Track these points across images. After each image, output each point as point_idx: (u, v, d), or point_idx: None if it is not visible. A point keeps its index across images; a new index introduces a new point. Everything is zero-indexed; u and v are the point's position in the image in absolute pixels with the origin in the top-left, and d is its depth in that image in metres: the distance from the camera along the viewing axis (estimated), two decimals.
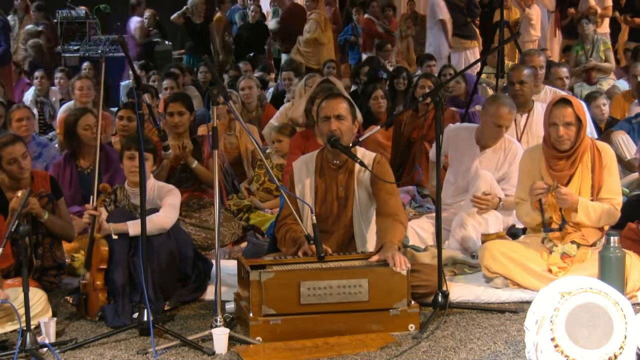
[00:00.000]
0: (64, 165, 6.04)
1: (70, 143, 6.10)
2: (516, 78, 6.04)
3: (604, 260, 4.24)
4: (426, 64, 10.24)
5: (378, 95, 7.76)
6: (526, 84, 6.04)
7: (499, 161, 5.50)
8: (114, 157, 5.92)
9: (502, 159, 5.50)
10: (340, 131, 4.52)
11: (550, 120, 4.63)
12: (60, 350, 3.92)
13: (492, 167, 5.49)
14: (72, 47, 12.32)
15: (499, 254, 4.68)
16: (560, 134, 4.58)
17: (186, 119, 6.05)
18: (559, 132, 4.58)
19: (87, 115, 6.07)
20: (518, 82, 6.03)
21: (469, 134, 5.58)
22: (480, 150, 5.53)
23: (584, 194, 4.65)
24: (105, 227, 4.45)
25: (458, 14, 11.93)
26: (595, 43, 10.24)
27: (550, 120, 4.63)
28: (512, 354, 3.81)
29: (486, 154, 5.52)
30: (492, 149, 5.52)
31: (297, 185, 4.67)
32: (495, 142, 5.50)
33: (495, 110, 5.40)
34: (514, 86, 6.04)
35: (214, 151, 4.09)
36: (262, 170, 6.74)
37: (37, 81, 9.62)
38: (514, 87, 6.04)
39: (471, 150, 5.55)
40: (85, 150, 6.06)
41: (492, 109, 5.42)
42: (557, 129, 4.59)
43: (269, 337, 3.95)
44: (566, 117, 4.58)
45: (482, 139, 5.54)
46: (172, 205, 4.71)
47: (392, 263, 4.07)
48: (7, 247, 4.03)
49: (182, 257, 4.66)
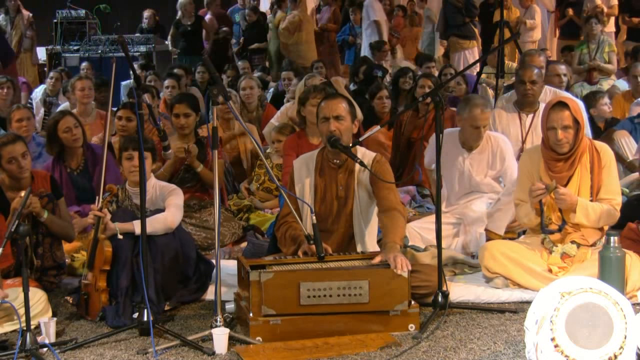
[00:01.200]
0: (53, 168, 5.99)
1: (53, 146, 6.01)
2: (528, 78, 6.01)
3: (604, 260, 4.24)
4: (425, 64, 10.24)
5: (383, 95, 7.76)
6: (537, 83, 6.03)
7: (489, 160, 5.56)
8: (99, 154, 5.88)
9: (491, 158, 5.56)
10: (340, 131, 4.52)
11: (548, 125, 4.63)
12: (60, 350, 3.92)
13: (484, 167, 5.56)
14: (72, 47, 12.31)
15: (499, 254, 4.68)
16: (559, 138, 4.58)
17: (192, 121, 6.04)
18: (557, 136, 4.58)
19: (67, 117, 5.98)
20: (530, 82, 6.00)
21: (452, 139, 5.58)
22: (468, 152, 5.56)
23: (583, 194, 4.65)
24: (111, 227, 4.44)
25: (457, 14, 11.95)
26: (600, 44, 10.23)
27: (548, 125, 4.63)
28: (512, 354, 3.81)
29: (474, 155, 5.57)
30: (478, 150, 5.57)
31: (297, 185, 4.67)
32: (478, 142, 5.54)
33: (468, 114, 5.45)
34: (525, 85, 6.01)
35: (214, 151, 4.09)
36: (262, 170, 6.74)
37: (50, 81, 9.61)
38: (525, 86, 6.01)
39: (458, 153, 5.58)
40: (70, 152, 6.02)
41: (465, 113, 5.47)
42: (556, 132, 4.59)
43: (269, 337, 3.95)
44: (564, 120, 4.58)
45: (466, 142, 5.58)
46: (177, 205, 4.72)
47: (394, 265, 4.07)
48: (7, 247, 4.03)
49: (184, 258, 4.66)
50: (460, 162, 5.57)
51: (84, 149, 6.06)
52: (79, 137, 5.95)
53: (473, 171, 5.55)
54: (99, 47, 11.99)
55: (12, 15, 12.07)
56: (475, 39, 12.03)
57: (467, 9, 11.91)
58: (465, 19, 11.95)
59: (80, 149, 6.04)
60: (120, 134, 6.61)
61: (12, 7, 12.04)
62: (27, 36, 12.17)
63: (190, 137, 6.07)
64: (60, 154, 6.03)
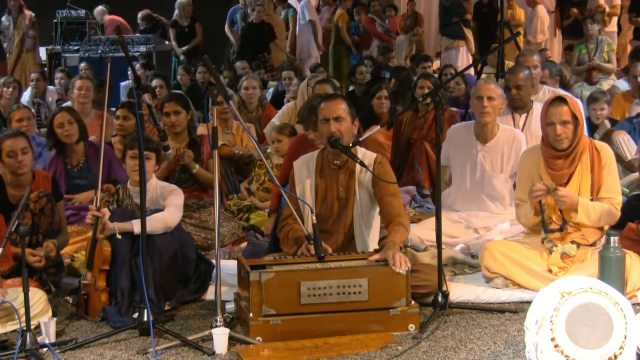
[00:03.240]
0: (51, 163, 6.07)
1: (50, 140, 6.09)
2: (513, 83, 6.01)
3: (604, 260, 4.24)
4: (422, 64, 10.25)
5: (382, 95, 7.75)
6: (523, 87, 6.01)
7: (504, 151, 5.48)
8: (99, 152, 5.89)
9: (507, 149, 5.48)
10: (340, 132, 4.52)
11: (547, 120, 4.64)
12: (60, 350, 3.92)
13: (498, 161, 5.48)
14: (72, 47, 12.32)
15: (499, 254, 4.68)
16: (557, 133, 4.58)
17: (183, 118, 6.03)
18: (556, 130, 4.59)
19: (62, 113, 6.02)
20: (515, 87, 5.99)
21: (467, 131, 5.59)
22: (482, 145, 5.53)
23: (583, 193, 4.65)
24: (109, 226, 4.44)
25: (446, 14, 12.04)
26: (599, 43, 10.24)
27: (547, 120, 4.64)
28: (512, 354, 3.81)
29: (488, 146, 5.51)
30: (494, 141, 5.51)
31: (298, 185, 4.67)
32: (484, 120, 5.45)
33: (474, 89, 5.55)
34: (511, 91, 6.01)
35: (214, 151, 4.09)
36: (262, 170, 6.74)
37: (32, 83, 9.62)
38: (510, 92, 6.02)
39: (473, 146, 5.55)
40: (69, 148, 6.04)
41: (472, 90, 5.60)
42: (555, 127, 4.59)
43: (269, 337, 3.95)
44: (562, 115, 4.58)
45: (481, 132, 5.53)
46: (177, 205, 4.71)
47: (392, 263, 4.07)
48: (7, 247, 4.03)
49: (184, 258, 4.65)
50: (474, 154, 5.52)
51: (86, 146, 6.06)
52: (72, 133, 5.95)
53: (486, 164, 5.49)
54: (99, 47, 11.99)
55: (14, 15, 12.06)
56: (464, 39, 12.07)
57: (455, 9, 11.96)
58: (454, 18, 11.99)
59: (81, 146, 6.04)
60: (118, 133, 6.61)
61: (14, 7, 12.03)
62: (29, 36, 12.16)
63: (184, 136, 6.07)
64: (62, 150, 6.05)
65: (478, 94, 5.44)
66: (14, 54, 12.05)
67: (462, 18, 12.08)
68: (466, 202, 5.58)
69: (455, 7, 11.98)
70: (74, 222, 5.64)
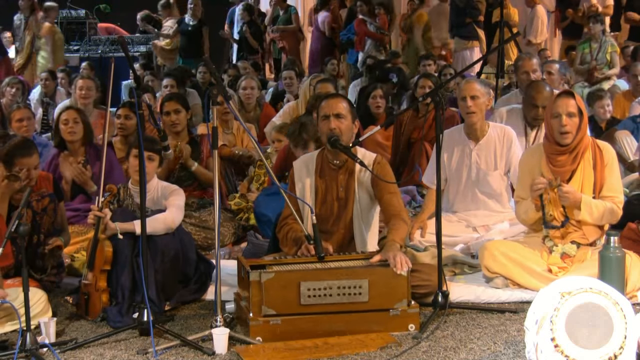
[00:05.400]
0: (51, 161, 6.07)
1: (55, 137, 6.12)
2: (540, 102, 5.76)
3: (604, 260, 4.24)
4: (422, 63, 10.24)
5: (377, 95, 7.75)
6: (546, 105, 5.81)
7: (497, 148, 5.50)
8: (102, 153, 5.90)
9: (499, 146, 5.50)
10: (340, 130, 4.52)
11: (554, 111, 4.63)
12: (60, 350, 3.92)
13: (491, 156, 5.49)
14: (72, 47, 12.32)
15: (499, 254, 4.68)
16: (563, 124, 4.58)
17: (183, 117, 6.07)
18: (562, 122, 4.58)
19: (69, 110, 6.04)
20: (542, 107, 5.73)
21: (458, 133, 5.59)
22: (474, 143, 5.54)
23: (586, 191, 4.65)
24: (111, 226, 4.43)
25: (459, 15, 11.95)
26: (603, 43, 10.22)
27: (554, 111, 4.63)
28: (512, 354, 3.81)
29: (481, 144, 5.52)
30: (486, 138, 5.52)
31: (297, 185, 4.67)
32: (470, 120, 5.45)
33: (458, 91, 5.60)
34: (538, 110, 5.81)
35: (214, 151, 4.09)
36: (262, 170, 6.74)
37: (42, 82, 9.62)
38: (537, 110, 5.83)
39: (466, 146, 5.56)
40: (71, 147, 6.04)
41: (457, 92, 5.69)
42: (561, 119, 4.59)
43: (269, 337, 3.95)
44: (569, 107, 4.59)
45: (472, 132, 5.53)
46: (178, 205, 4.71)
47: (393, 264, 4.07)
48: (7, 246, 4.03)
49: (185, 258, 4.65)
50: (468, 154, 5.53)
51: (87, 147, 6.06)
52: (75, 131, 5.95)
53: (482, 162, 5.49)
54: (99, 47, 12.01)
55: (25, 15, 12.04)
56: (478, 39, 12.02)
57: (468, 10, 11.92)
58: (467, 19, 11.95)
59: (82, 146, 6.04)
60: (119, 133, 6.61)
61: (24, 7, 12.00)
62: None
63: (184, 135, 6.08)
64: (64, 149, 6.05)
65: (462, 95, 5.46)
66: (24, 53, 12.03)
67: (475, 19, 12.03)
68: (464, 203, 5.58)
69: (469, 8, 11.93)
70: (75, 223, 5.65)
